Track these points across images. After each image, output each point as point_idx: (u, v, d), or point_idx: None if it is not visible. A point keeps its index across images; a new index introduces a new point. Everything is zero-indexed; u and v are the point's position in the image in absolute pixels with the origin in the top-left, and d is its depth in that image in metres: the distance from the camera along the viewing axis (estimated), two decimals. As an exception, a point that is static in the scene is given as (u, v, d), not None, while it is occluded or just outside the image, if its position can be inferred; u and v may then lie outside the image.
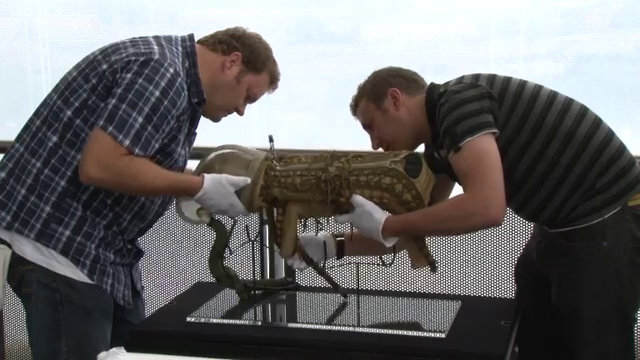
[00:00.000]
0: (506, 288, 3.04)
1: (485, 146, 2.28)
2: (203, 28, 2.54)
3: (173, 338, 2.42)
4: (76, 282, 2.40)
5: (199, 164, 2.53)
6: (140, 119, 2.27)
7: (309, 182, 2.40)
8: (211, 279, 2.65)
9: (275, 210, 2.51)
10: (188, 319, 2.50)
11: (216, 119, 2.58)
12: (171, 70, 2.32)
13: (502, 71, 2.49)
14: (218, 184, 2.40)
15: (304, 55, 5.21)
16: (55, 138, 2.36)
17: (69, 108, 2.35)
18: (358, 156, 2.43)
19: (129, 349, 1.97)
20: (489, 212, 2.24)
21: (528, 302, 2.61)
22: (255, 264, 2.67)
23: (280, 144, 3.06)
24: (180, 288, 2.99)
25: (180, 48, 2.44)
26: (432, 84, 2.52)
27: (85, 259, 2.40)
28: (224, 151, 2.52)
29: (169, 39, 2.45)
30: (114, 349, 1.92)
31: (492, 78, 2.42)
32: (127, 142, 2.26)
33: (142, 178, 2.33)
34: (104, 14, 5.26)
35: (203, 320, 2.50)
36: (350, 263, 2.47)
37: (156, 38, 2.44)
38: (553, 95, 2.41)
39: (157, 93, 2.29)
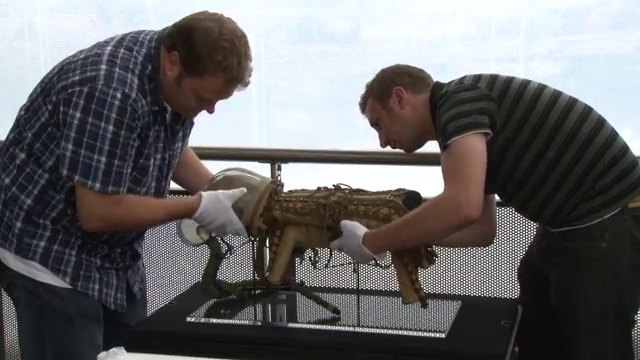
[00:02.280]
0: (506, 288, 3.04)
1: (469, 146, 2.27)
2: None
3: (173, 338, 2.41)
4: (57, 288, 2.38)
5: (207, 184, 2.54)
6: (103, 159, 2.21)
7: (309, 207, 2.42)
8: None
9: (271, 234, 2.50)
10: (188, 319, 2.50)
11: (190, 117, 2.49)
12: (118, 95, 2.20)
13: (502, 71, 2.48)
14: (215, 200, 2.40)
15: (304, 55, 5.21)
16: (23, 155, 2.34)
17: (30, 130, 2.32)
18: (361, 190, 2.45)
19: (129, 349, 1.97)
20: (460, 210, 2.22)
21: (529, 301, 2.61)
22: (255, 264, 2.66)
23: (280, 144, 3.06)
24: (180, 288, 2.99)
25: (144, 50, 2.31)
26: (436, 83, 2.52)
27: (66, 267, 2.37)
28: (231, 173, 2.53)
29: (134, 42, 2.32)
30: (114, 349, 1.92)
31: (493, 79, 2.41)
32: (97, 185, 2.23)
33: (142, 217, 2.36)
34: (104, 14, 5.27)
35: (203, 320, 2.50)
36: (350, 263, 2.47)
37: (115, 47, 2.30)
38: (556, 95, 2.40)
39: (111, 127, 2.20)
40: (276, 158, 3.08)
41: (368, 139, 2.69)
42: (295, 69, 5.23)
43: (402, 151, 2.62)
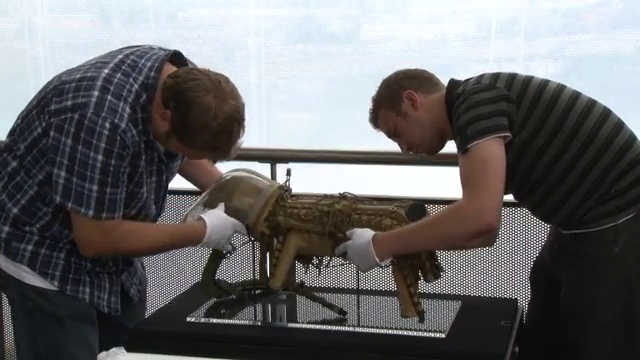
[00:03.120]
0: (506, 288, 3.04)
1: (491, 151, 2.25)
2: (203, 28, 2.52)
3: (173, 338, 2.42)
4: (47, 291, 2.37)
5: (214, 182, 2.55)
6: (95, 187, 2.20)
7: (313, 214, 2.42)
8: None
9: (274, 240, 2.51)
10: (188, 319, 2.50)
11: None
12: (107, 125, 2.18)
13: (502, 71, 2.47)
14: (216, 218, 2.42)
15: (304, 55, 5.21)
16: (14, 164, 2.34)
17: (22, 142, 2.31)
18: (367, 200, 2.45)
19: (129, 349, 1.97)
20: (483, 218, 2.21)
21: (537, 303, 2.60)
22: (255, 264, 2.66)
23: (280, 144, 3.06)
24: (180, 288, 2.99)
25: (141, 78, 2.27)
26: (452, 81, 2.48)
27: (54, 271, 2.36)
28: (239, 174, 2.53)
29: (133, 67, 2.28)
30: (114, 349, 1.92)
31: (511, 79, 2.37)
32: (91, 212, 2.22)
33: (141, 244, 2.36)
34: (104, 14, 5.26)
35: (203, 320, 2.50)
36: (350, 263, 2.47)
37: (113, 71, 2.26)
38: (575, 96, 2.37)
39: (100, 157, 2.18)
40: (276, 158, 3.08)
41: (368, 139, 2.68)
42: (295, 69, 5.23)
43: (401, 151, 2.60)
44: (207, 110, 2.19)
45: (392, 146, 2.62)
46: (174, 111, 2.22)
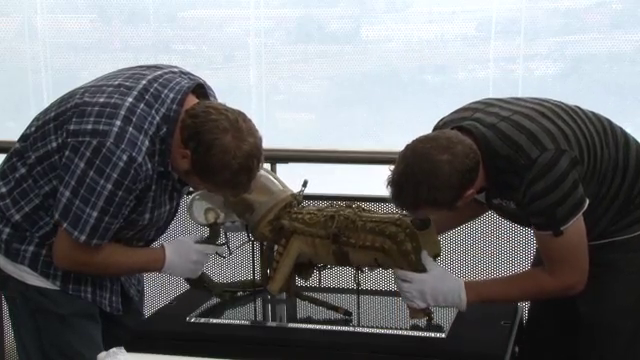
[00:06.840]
0: (506, 288, 3.04)
1: (580, 231, 2.23)
2: (203, 28, 2.51)
3: (173, 338, 2.42)
4: (49, 291, 2.38)
5: None
6: (95, 213, 2.20)
7: (317, 218, 2.42)
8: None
9: (274, 243, 2.50)
10: (188, 319, 2.50)
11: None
12: (124, 157, 2.17)
13: (502, 71, 2.46)
14: (179, 247, 2.42)
15: (304, 55, 5.22)
16: (23, 171, 2.33)
17: (34, 152, 2.31)
18: (372, 211, 2.45)
19: (129, 349, 1.96)
20: (573, 291, 2.28)
21: (539, 305, 2.59)
22: (255, 264, 2.66)
23: (280, 144, 3.06)
24: (180, 288, 2.99)
25: (163, 110, 2.25)
26: (485, 140, 2.21)
27: (55, 271, 2.36)
28: (260, 170, 2.53)
29: (156, 97, 2.26)
30: (114, 349, 1.92)
31: (565, 136, 2.23)
32: (83, 237, 2.21)
33: (113, 267, 2.37)
34: (104, 14, 5.27)
35: (203, 320, 2.50)
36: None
37: (136, 100, 2.24)
38: (621, 135, 2.35)
39: (109, 186, 2.18)
40: (276, 158, 3.08)
41: (368, 139, 2.68)
42: (295, 69, 5.24)
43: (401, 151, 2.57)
44: (227, 151, 2.19)
45: (392, 146, 2.61)
46: (194, 152, 2.22)
